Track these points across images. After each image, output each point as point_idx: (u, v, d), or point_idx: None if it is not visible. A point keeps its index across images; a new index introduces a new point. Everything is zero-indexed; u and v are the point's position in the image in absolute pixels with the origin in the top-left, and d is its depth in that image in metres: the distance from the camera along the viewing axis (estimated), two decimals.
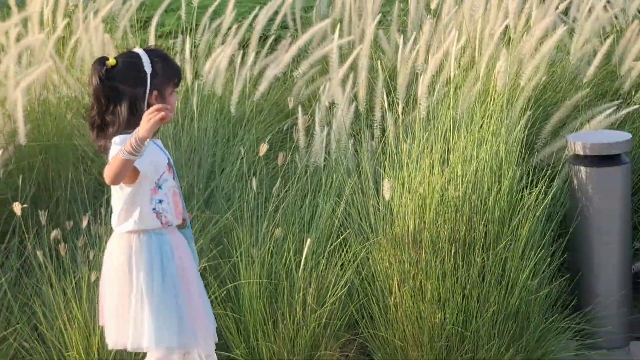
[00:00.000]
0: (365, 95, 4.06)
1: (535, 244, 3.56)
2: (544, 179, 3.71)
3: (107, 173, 2.70)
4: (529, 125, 4.14)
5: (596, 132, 3.87)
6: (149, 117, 2.59)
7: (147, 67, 2.85)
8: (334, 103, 4.05)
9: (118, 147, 2.74)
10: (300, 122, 3.93)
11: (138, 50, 2.89)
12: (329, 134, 3.94)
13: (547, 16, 4.44)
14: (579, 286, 3.77)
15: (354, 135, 4.05)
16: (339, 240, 3.61)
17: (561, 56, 4.57)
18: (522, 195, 3.58)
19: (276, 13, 4.68)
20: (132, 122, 2.80)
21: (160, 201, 2.86)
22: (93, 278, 3.35)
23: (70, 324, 3.39)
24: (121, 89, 2.82)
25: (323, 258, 3.54)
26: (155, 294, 2.82)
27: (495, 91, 3.72)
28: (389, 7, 4.80)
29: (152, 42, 4.23)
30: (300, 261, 3.49)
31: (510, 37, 4.47)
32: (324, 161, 3.89)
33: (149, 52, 2.89)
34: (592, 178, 3.68)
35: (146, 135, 2.60)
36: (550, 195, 3.70)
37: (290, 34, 4.81)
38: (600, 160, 3.70)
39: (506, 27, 4.48)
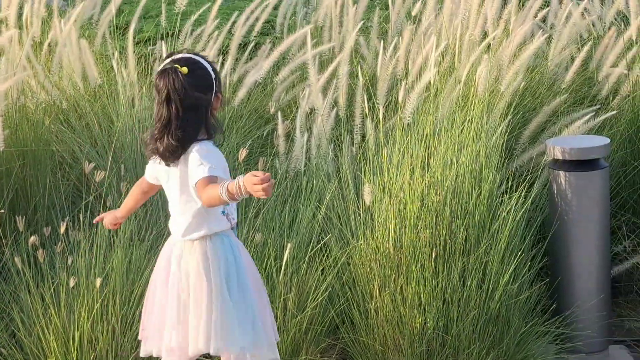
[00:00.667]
0: (346, 101, 4.06)
1: (515, 248, 3.57)
2: (524, 184, 3.72)
3: (205, 201, 2.71)
4: (508, 131, 4.16)
5: (575, 137, 3.90)
6: (257, 188, 2.59)
7: (211, 71, 2.83)
8: (315, 109, 4.05)
9: (204, 163, 2.71)
10: (280, 128, 3.92)
11: (190, 55, 2.83)
12: (309, 139, 3.94)
13: (526, 23, 4.48)
14: (558, 290, 3.78)
15: (335, 141, 4.05)
16: (319, 245, 3.60)
17: (540, 62, 4.60)
18: (502, 200, 3.59)
19: (256, 20, 4.68)
20: (201, 128, 2.79)
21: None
22: (72, 284, 3.32)
23: (48, 331, 3.35)
24: (197, 96, 2.77)
25: (304, 263, 3.53)
26: (232, 296, 2.82)
27: (476, 96, 3.73)
28: (369, 14, 4.81)
29: (130, 48, 4.21)
30: (280, 266, 3.48)
31: (489, 43, 4.50)
32: (304, 167, 3.89)
33: (199, 55, 2.85)
34: (571, 183, 3.70)
35: (248, 194, 2.61)
36: (530, 199, 3.71)
37: (270, 40, 4.81)
38: (579, 165, 3.72)
39: (485, 33, 4.51)
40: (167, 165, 2.85)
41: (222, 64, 4.42)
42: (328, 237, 3.61)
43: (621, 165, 4.23)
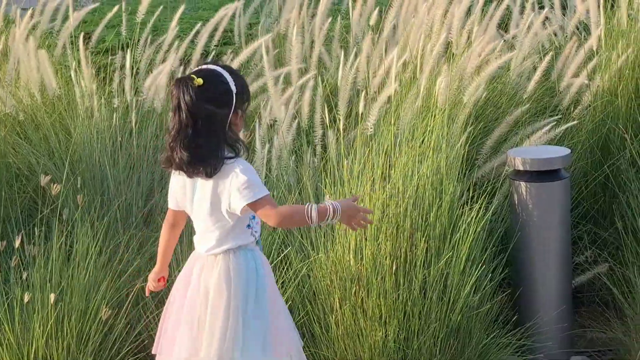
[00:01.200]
0: (308, 112, 4.03)
1: (477, 259, 3.55)
2: (485, 195, 3.71)
3: (282, 222, 2.73)
4: (470, 141, 4.15)
5: (536, 148, 3.89)
6: (355, 220, 2.71)
7: (232, 85, 2.75)
8: (276, 120, 4.02)
9: (256, 184, 2.69)
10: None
11: (215, 67, 2.76)
12: (270, 150, 3.90)
13: (488, 33, 4.48)
14: (520, 301, 3.77)
15: (296, 152, 4.02)
16: (279, 257, 3.57)
17: (502, 72, 4.60)
18: (462, 212, 3.57)
19: (215, 29, 4.64)
20: (221, 146, 2.72)
21: (253, 217, 2.82)
22: (26, 299, 3.26)
23: (1, 347, 3.28)
24: (209, 109, 2.70)
25: None
26: (249, 309, 2.78)
27: (436, 107, 3.72)
28: (331, 23, 4.79)
29: (83, 60, 4.14)
30: None
31: (452, 53, 4.49)
32: (265, 178, 3.85)
33: (226, 68, 2.78)
34: (532, 193, 3.70)
35: (338, 221, 2.71)
36: (491, 211, 3.70)
37: (232, 50, 4.77)
38: (540, 175, 3.71)
39: (449, 43, 4.50)
40: (190, 176, 2.77)
41: (184, 73, 4.37)
42: (288, 249, 3.57)
43: (582, 175, 4.24)
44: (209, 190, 2.77)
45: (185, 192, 2.84)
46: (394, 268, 3.45)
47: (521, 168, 3.71)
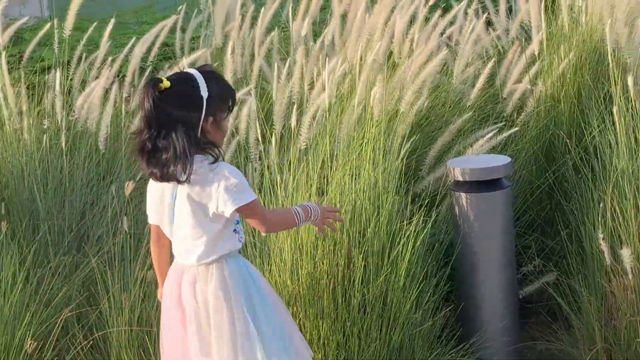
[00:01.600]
0: (246, 127, 3.92)
1: (417, 274, 3.45)
2: (425, 207, 3.61)
3: (273, 229, 2.78)
4: (412, 151, 4.05)
5: (476, 157, 3.80)
6: (327, 221, 2.83)
7: (204, 90, 2.64)
8: None
9: (245, 187, 2.64)
10: None
11: (192, 70, 2.67)
12: None
13: (430, 40, 4.39)
14: (464, 315, 3.67)
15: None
16: None
17: (445, 80, 4.51)
18: (401, 226, 3.47)
19: (153, 44, 4.52)
20: (189, 150, 2.61)
21: (237, 221, 2.74)
22: None
23: None
24: (175, 113, 2.60)
25: None
26: (258, 314, 2.69)
27: (371, 119, 3.61)
28: (269, 35, 4.68)
29: (7, 77, 4.01)
30: None
31: (395, 62, 4.40)
32: None
33: (204, 73, 2.68)
34: (473, 204, 3.60)
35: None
36: (431, 223, 3.61)
37: (169, 65, 4.65)
38: (481, 185, 3.62)
39: (391, 52, 4.41)
40: (160, 180, 2.66)
41: (121, 90, 4.25)
42: None
43: (528, 182, 4.15)
44: (192, 196, 2.67)
45: (163, 201, 2.73)
46: (331, 287, 3.34)
47: (461, 179, 3.61)
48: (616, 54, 4.07)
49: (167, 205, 2.74)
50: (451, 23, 4.67)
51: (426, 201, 3.69)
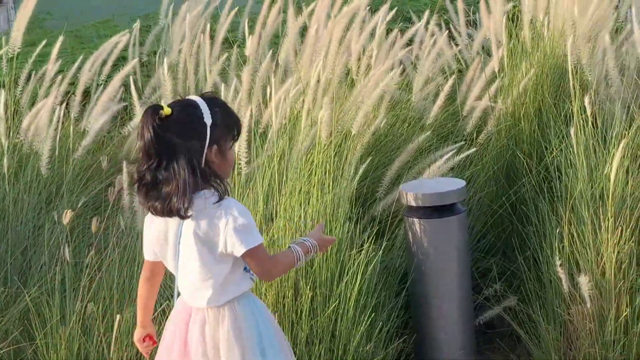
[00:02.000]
0: None
1: (369, 304, 3.32)
2: (377, 233, 3.49)
3: (275, 274, 2.60)
4: (370, 173, 3.93)
5: (430, 181, 3.67)
6: (326, 247, 2.68)
7: (207, 118, 2.48)
8: None
9: (252, 229, 2.48)
10: (117, 181, 3.62)
11: (195, 97, 2.52)
12: None
13: (389, 57, 4.27)
14: (420, 346, 3.55)
15: None
16: (157, 312, 3.31)
17: (405, 97, 4.39)
18: (350, 254, 3.34)
19: (104, 62, 4.39)
20: (192, 181, 2.45)
21: None
22: None
23: None
24: (177, 142, 2.44)
25: None
26: (267, 354, 2.56)
27: (319, 143, 3.48)
28: (226, 51, 4.56)
29: None
30: (113, 340, 3.18)
31: (352, 80, 4.27)
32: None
33: (207, 99, 2.52)
34: (426, 230, 3.47)
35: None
36: (389, 248, 3.47)
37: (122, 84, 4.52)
38: (434, 211, 3.49)
39: (349, 70, 4.28)
40: (160, 215, 2.50)
41: (68, 111, 4.11)
42: (165, 302, 3.31)
43: (488, 204, 4.03)
44: (199, 233, 2.51)
45: (167, 239, 2.57)
46: (277, 320, 3.20)
47: (414, 204, 3.49)
48: (577, 70, 3.95)
49: (171, 241, 2.58)
50: (410, 40, 4.54)
51: (378, 227, 3.56)
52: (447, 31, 4.64)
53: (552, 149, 3.76)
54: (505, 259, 3.96)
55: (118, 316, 3.15)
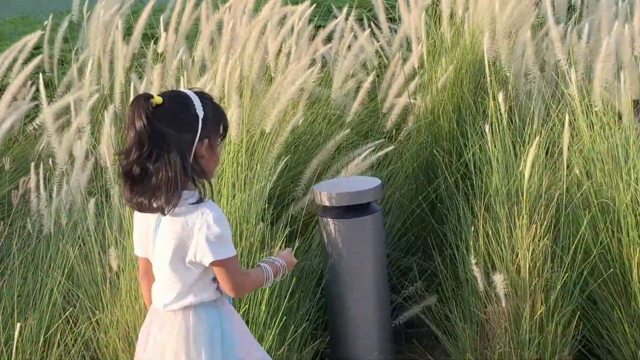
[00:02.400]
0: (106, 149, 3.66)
1: (282, 306, 3.24)
2: (290, 234, 3.41)
3: (246, 289, 2.51)
4: (289, 171, 3.85)
5: (344, 180, 3.60)
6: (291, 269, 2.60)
7: (199, 110, 2.37)
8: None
9: (226, 239, 2.39)
10: (20, 183, 3.49)
11: (184, 90, 2.42)
12: (58, 194, 3.51)
13: (307, 54, 4.19)
14: (336, 347, 3.47)
15: (95, 195, 3.64)
16: (61, 319, 3.19)
17: (326, 94, 4.31)
18: (262, 257, 3.25)
19: (15, 60, 4.24)
20: (180, 175, 2.34)
21: None
22: None
23: None
24: (167, 132, 2.33)
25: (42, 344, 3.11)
26: None
27: (230, 143, 3.39)
28: (141, 49, 4.44)
29: None
30: (13, 349, 3.05)
31: (271, 78, 4.19)
32: (55, 226, 3.47)
33: (198, 93, 2.41)
34: (341, 230, 3.40)
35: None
36: (306, 249, 3.39)
37: (32, 80, 4.37)
38: (349, 210, 3.42)
39: (267, 67, 4.20)
40: (140, 210, 2.40)
41: None
42: (69, 310, 3.19)
43: (408, 202, 3.97)
44: (172, 235, 2.41)
45: (148, 234, 2.47)
46: None
47: (327, 204, 3.41)
48: (496, 66, 3.92)
49: (151, 236, 2.48)
50: (329, 36, 4.47)
51: (292, 228, 3.48)
52: (369, 27, 4.57)
53: (471, 146, 3.72)
54: (425, 257, 3.91)
55: (18, 324, 3.02)
